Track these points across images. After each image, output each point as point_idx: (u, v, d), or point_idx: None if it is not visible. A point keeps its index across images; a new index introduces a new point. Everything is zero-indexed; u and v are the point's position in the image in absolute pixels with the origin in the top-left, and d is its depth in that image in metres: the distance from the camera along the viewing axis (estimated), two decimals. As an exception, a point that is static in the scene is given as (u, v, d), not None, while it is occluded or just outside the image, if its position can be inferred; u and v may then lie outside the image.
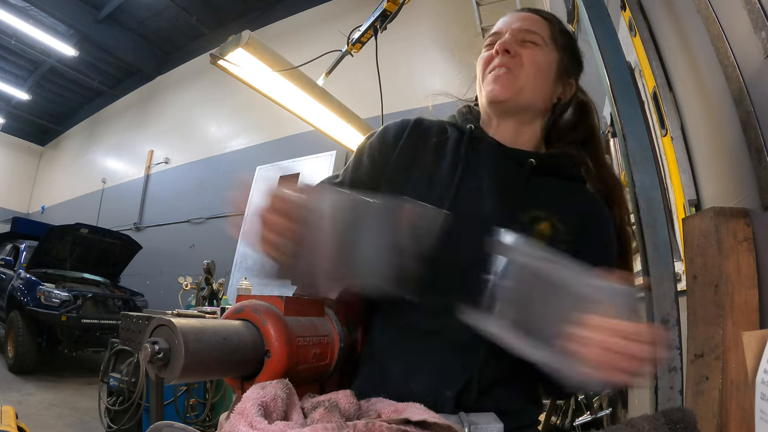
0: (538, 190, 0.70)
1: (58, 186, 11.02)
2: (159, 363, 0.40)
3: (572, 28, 2.59)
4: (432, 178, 0.72)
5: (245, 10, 7.40)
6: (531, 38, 0.74)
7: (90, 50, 8.24)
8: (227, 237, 5.89)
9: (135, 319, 2.75)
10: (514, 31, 0.75)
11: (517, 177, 0.71)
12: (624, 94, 0.76)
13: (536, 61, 0.73)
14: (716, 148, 0.85)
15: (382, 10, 1.65)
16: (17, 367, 4.87)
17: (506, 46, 0.72)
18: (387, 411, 0.45)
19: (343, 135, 2.35)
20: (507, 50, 0.72)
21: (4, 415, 1.69)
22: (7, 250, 6.23)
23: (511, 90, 0.71)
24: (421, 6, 5.23)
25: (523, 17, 0.77)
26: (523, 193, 0.70)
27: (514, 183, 0.70)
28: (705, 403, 0.64)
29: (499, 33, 0.76)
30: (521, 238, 0.54)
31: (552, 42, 0.75)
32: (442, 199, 0.69)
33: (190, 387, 2.86)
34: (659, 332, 0.48)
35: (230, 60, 1.67)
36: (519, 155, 0.72)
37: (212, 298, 3.84)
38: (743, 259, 0.66)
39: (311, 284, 0.58)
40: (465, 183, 0.71)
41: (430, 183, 0.72)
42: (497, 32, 0.77)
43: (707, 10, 0.77)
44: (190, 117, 8.11)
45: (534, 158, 0.71)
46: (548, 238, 0.66)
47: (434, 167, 0.73)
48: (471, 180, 0.71)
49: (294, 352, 0.50)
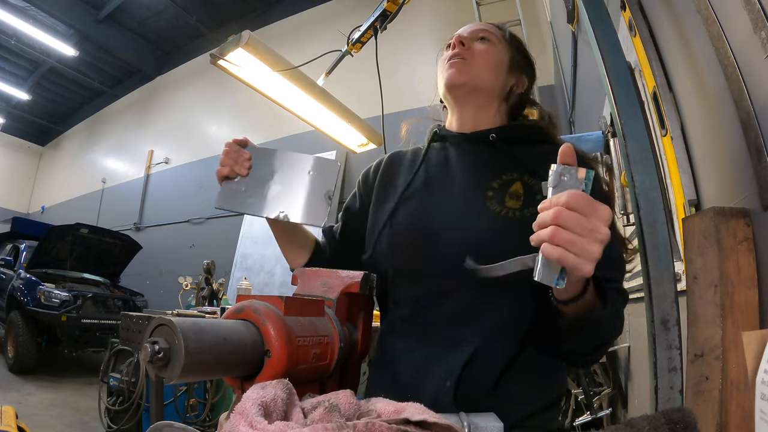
0: (509, 159, 0.76)
1: (58, 186, 11.03)
2: (159, 363, 0.40)
3: (572, 28, 2.59)
4: (409, 185, 0.81)
5: (245, 10, 7.40)
6: (485, 35, 0.83)
7: (90, 50, 8.24)
8: (227, 237, 5.91)
9: (135, 319, 2.75)
10: (472, 33, 0.84)
11: (483, 153, 0.78)
12: (624, 94, 0.76)
13: (489, 52, 0.82)
14: (716, 148, 0.85)
15: (382, 10, 1.65)
16: (17, 367, 4.87)
17: (461, 39, 0.81)
18: (387, 411, 0.45)
19: (343, 135, 2.35)
20: (462, 42, 0.81)
21: (4, 415, 1.69)
22: (7, 250, 6.24)
23: (466, 75, 0.79)
24: (421, 6, 5.23)
25: (479, 24, 0.87)
26: (493, 164, 0.76)
27: (481, 159, 0.78)
28: (705, 403, 0.64)
29: (457, 36, 0.84)
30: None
31: (504, 41, 0.85)
32: (416, 194, 0.78)
33: (190, 387, 2.86)
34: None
35: (230, 60, 1.67)
36: (481, 135, 0.79)
37: (212, 298, 3.84)
38: (743, 259, 0.66)
39: (249, 207, 0.79)
40: (434, 173, 0.80)
41: (408, 188, 0.80)
42: (459, 37, 0.84)
43: (707, 10, 0.77)
44: (190, 117, 8.11)
45: (495, 132, 0.78)
46: (523, 196, 0.71)
47: (409, 177, 0.82)
48: (441, 170, 0.80)
49: (294, 352, 0.50)
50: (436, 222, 0.73)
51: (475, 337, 0.67)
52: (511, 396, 0.67)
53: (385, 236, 0.77)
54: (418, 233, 0.74)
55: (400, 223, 0.76)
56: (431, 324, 0.71)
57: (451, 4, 5.30)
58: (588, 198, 0.47)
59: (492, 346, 0.67)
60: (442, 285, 0.70)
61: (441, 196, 0.76)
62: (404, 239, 0.75)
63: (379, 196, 0.85)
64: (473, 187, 0.75)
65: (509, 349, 0.67)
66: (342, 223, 0.90)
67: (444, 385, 0.66)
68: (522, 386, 0.68)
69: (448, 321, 0.70)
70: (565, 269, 0.47)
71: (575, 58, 2.67)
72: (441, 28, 5.12)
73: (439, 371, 0.67)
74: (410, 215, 0.76)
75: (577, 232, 0.46)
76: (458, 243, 0.69)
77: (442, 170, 0.80)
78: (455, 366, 0.66)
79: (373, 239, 0.79)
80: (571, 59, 2.73)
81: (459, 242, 0.69)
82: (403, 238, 0.75)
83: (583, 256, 0.46)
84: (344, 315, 0.66)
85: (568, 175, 0.49)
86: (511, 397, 0.67)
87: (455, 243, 0.70)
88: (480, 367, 0.66)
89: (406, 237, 0.75)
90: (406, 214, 0.77)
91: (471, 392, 0.66)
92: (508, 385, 0.67)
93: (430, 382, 0.67)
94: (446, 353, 0.68)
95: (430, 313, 0.71)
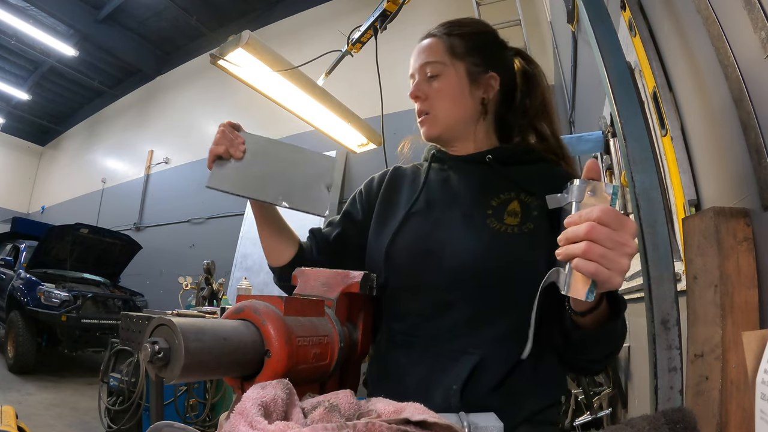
0: (507, 178, 0.78)
1: (58, 186, 11.02)
2: (159, 363, 0.40)
3: (572, 28, 2.59)
4: (414, 204, 0.82)
5: (245, 10, 7.40)
6: (433, 70, 0.80)
7: (90, 50, 8.24)
8: (227, 237, 5.91)
9: (135, 319, 2.75)
10: (419, 70, 0.82)
11: (481, 174, 0.80)
12: (624, 94, 0.76)
13: (443, 90, 0.80)
14: (716, 148, 0.85)
15: (382, 10, 1.65)
16: (17, 367, 4.87)
17: (416, 93, 0.81)
18: (387, 411, 0.45)
19: (343, 135, 2.35)
20: (417, 96, 0.81)
21: (4, 415, 1.69)
22: (7, 250, 6.24)
23: (435, 128, 0.81)
24: (421, 6, 5.23)
25: (421, 50, 0.83)
26: (491, 184, 0.78)
27: (480, 179, 0.79)
28: (705, 403, 0.64)
29: (413, 76, 0.83)
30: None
31: (451, 57, 0.80)
32: (420, 212, 0.79)
33: (190, 387, 2.86)
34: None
35: (230, 60, 1.67)
36: (477, 156, 0.81)
37: (212, 298, 3.84)
38: (743, 259, 0.66)
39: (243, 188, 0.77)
40: (435, 193, 0.81)
41: (412, 206, 0.81)
42: (411, 75, 0.84)
43: (707, 10, 0.77)
44: (190, 117, 8.11)
45: (491, 154, 0.80)
46: (521, 214, 0.73)
47: (413, 195, 0.83)
48: (442, 190, 0.81)
49: (294, 352, 0.50)
50: (440, 238, 0.75)
51: (478, 348, 0.68)
52: (516, 395, 0.68)
53: (390, 253, 0.77)
54: (422, 249, 0.75)
55: (404, 240, 0.78)
56: (434, 335, 0.71)
57: (451, 4, 5.30)
58: (617, 212, 0.48)
59: (495, 356, 0.68)
60: (444, 297, 0.72)
61: (444, 215, 0.78)
62: (408, 255, 0.76)
63: (382, 211, 0.86)
64: (474, 205, 0.77)
65: (511, 357, 0.68)
66: (341, 228, 0.88)
67: (451, 388, 0.67)
68: (526, 387, 0.69)
69: (451, 332, 0.70)
70: (596, 283, 0.48)
71: (575, 58, 2.67)
72: (441, 28, 5.11)
73: (445, 379, 0.68)
74: (414, 232, 0.78)
75: (609, 246, 0.47)
76: (460, 258, 0.71)
77: (443, 190, 0.82)
78: (462, 373, 0.67)
79: (380, 256, 0.78)
80: (571, 59, 2.73)
81: (461, 257, 0.71)
82: (407, 253, 0.76)
83: (614, 269, 0.47)
84: (344, 315, 0.66)
85: (594, 189, 0.49)
86: (516, 396, 0.68)
87: (457, 258, 0.71)
88: (485, 373, 0.67)
89: (410, 252, 0.76)
90: (411, 231, 0.78)
91: (478, 395, 0.67)
92: (513, 386, 0.68)
93: (436, 390, 0.68)
94: (451, 363, 0.69)
95: (432, 324, 0.72)
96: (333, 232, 0.88)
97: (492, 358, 0.68)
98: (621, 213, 0.48)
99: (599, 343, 0.63)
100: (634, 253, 0.48)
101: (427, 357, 0.71)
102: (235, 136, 0.79)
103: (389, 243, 0.78)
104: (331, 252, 0.87)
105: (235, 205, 6.19)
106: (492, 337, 0.69)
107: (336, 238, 0.88)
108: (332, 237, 0.88)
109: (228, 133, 0.79)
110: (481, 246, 0.71)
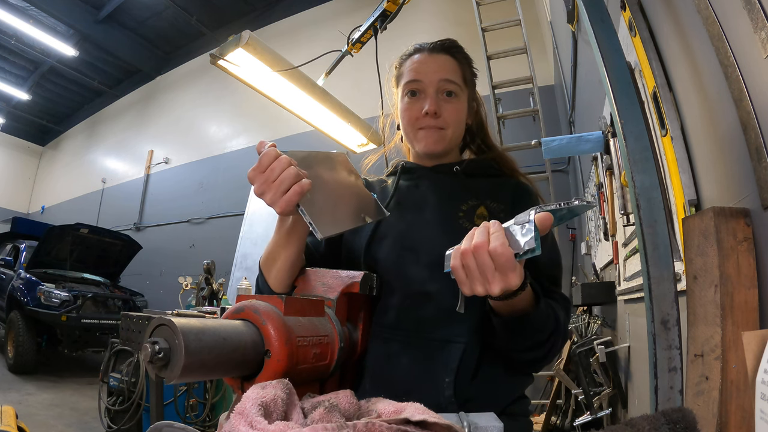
0: (472, 187, 0.84)
1: (58, 186, 11.02)
2: (159, 363, 0.40)
3: (572, 28, 2.59)
4: (386, 207, 0.84)
5: (245, 10, 7.41)
6: (451, 89, 0.84)
7: (90, 50, 8.25)
8: (227, 237, 5.92)
9: (135, 319, 2.75)
10: (436, 84, 0.83)
11: (449, 182, 0.86)
12: (624, 94, 0.76)
13: (457, 114, 0.85)
14: (716, 148, 0.85)
15: (382, 10, 1.65)
16: (17, 367, 4.87)
17: (435, 109, 0.82)
18: (387, 411, 0.45)
19: (343, 135, 2.35)
20: (435, 112, 0.83)
21: (4, 415, 1.69)
22: (7, 250, 6.24)
23: (442, 145, 0.85)
24: (421, 6, 5.23)
25: (441, 64, 0.85)
26: (460, 191, 0.84)
27: (449, 186, 0.85)
28: (705, 403, 0.64)
29: (420, 82, 0.84)
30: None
31: (464, 85, 0.87)
32: (394, 213, 0.82)
33: (190, 387, 2.86)
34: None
35: (230, 60, 1.67)
36: (447, 167, 0.88)
37: (212, 298, 3.84)
38: (743, 259, 0.66)
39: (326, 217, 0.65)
40: (407, 197, 0.86)
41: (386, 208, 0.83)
42: (418, 81, 0.84)
43: (707, 10, 0.77)
44: (190, 117, 8.11)
45: (458, 165, 0.87)
46: (488, 217, 0.79)
47: (384, 201, 0.86)
48: (413, 195, 0.86)
49: (294, 352, 0.50)
50: (416, 237, 0.80)
51: (462, 336, 0.71)
52: (489, 383, 0.72)
53: (370, 251, 0.80)
54: (400, 246, 0.79)
55: (383, 238, 0.81)
56: (417, 326, 0.74)
57: (452, 4, 5.31)
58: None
59: (475, 344, 0.72)
60: (423, 288, 0.75)
61: (417, 216, 0.82)
62: (387, 251, 0.79)
63: None
64: (445, 208, 0.82)
65: (482, 346, 0.72)
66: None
67: (443, 381, 0.69)
68: (497, 376, 0.73)
69: (433, 322, 0.73)
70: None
71: (575, 58, 2.67)
72: (441, 28, 5.12)
73: (433, 368, 0.71)
74: (391, 231, 0.81)
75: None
76: (437, 253, 0.71)
77: (414, 195, 0.86)
78: (451, 363, 0.70)
79: (359, 254, 0.81)
80: (571, 59, 2.74)
81: (438, 252, 0.71)
82: (387, 250, 0.79)
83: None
84: (344, 315, 0.66)
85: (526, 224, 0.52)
86: (489, 384, 0.72)
87: (434, 252, 0.73)
88: (468, 362, 0.71)
89: (389, 249, 0.79)
90: (388, 230, 0.81)
91: (464, 385, 0.70)
92: (487, 374, 0.72)
93: (426, 379, 0.70)
94: (437, 353, 0.72)
95: (413, 314, 0.74)
96: (322, 242, 0.86)
97: (472, 347, 0.71)
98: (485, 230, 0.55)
99: (517, 331, 0.64)
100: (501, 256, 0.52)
101: (412, 348, 0.73)
102: (290, 163, 0.61)
103: (368, 242, 0.80)
104: (324, 259, 0.87)
105: (235, 205, 6.20)
106: (471, 327, 0.72)
107: (328, 245, 0.86)
108: (323, 246, 0.86)
109: (283, 165, 0.61)
110: (456, 243, 0.72)
